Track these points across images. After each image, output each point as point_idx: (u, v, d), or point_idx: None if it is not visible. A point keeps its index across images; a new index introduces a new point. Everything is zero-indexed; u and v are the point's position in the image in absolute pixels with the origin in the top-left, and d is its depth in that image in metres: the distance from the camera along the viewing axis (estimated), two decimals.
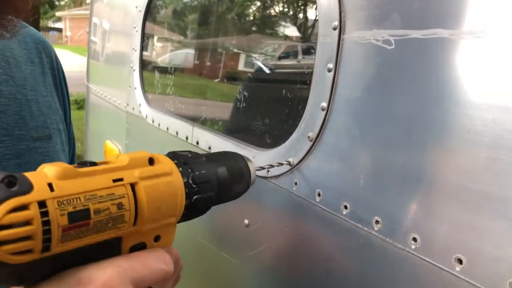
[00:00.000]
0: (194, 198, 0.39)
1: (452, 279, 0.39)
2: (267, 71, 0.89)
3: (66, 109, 0.69)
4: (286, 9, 0.89)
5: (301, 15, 0.84)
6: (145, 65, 1.25)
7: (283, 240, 0.63)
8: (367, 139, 0.49)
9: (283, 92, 0.71)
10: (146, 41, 1.25)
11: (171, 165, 0.38)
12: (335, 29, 0.52)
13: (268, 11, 0.95)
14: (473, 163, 0.38)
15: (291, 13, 0.87)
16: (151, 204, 0.34)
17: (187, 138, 0.91)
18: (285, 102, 0.69)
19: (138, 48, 1.21)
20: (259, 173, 0.60)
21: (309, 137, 0.56)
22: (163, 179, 0.36)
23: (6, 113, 0.55)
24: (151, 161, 0.36)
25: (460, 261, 0.38)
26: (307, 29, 0.81)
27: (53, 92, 0.65)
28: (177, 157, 0.40)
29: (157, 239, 0.37)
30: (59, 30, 30.51)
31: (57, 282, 0.30)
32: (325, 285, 0.55)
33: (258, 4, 0.96)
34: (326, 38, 0.53)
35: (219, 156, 0.47)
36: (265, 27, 0.94)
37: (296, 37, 0.86)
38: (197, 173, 0.40)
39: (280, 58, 0.85)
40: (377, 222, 0.47)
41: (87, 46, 2.03)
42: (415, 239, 0.43)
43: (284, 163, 0.60)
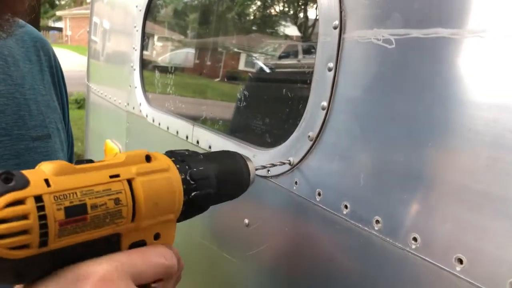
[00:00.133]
0: (192, 194, 0.39)
1: (452, 279, 0.39)
2: (268, 71, 0.89)
3: (64, 108, 0.69)
4: (286, 9, 0.89)
5: (302, 14, 0.84)
6: (146, 65, 1.25)
7: (283, 239, 0.63)
8: (368, 139, 0.49)
9: (283, 91, 0.70)
10: (146, 40, 1.25)
11: (168, 161, 0.38)
12: (335, 28, 0.52)
13: (268, 11, 0.95)
14: (474, 162, 0.38)
15: (291, 12, 0.87)
16: (148, 199, 0.34)
17: (187, 137, 0.91)
18: (286, 101, 0.69)
19: (138, 47, 1.21)
20: (259, 172, 0.60)
21: (309, 136, 0.56)
22: (160, 175, 0.36)
23: (4, 112, 0.54)
24: (148, 158, 0.36)
25: (460, 261, 0.38)
26: (307, 28, 0.81)
27: (51, 90, 0.65)
28: (174, 155, 0.40)
29: (157, 237, 0.37)
30: (60, 29, 30.52)
31: (56, 278, 0.30)
32: (325, 284, 0.55)
33: (258, 3, 0.96)
34: (326, 37, 0.53)
35: (218, 154, 0.47)
36: (266, 26, 0.94)
37: (296, 36, 0.86)
38: (194, 169, 0.40)
39: (280, 57, 0.85)
40: (377, 221, 0.47)
41: (87, 45, 2.03)
42: (415, 239, 0.42)
43: (285, 163, 0.60)
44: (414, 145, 0.43)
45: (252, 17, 0.98)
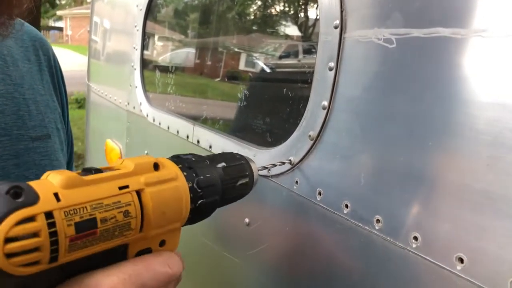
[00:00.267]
0: (199, 202, 0.39)
1: (453, 278, 0.39)
2: (268, 70, 0.89)
3: (64, 107, 0.68)
4: (287, 8, 0.89)
5: (302, 14, 0.84)
6: (146, 64, 1.25)
7: (284, 239, 0.63)
8: (368, 138, 0.49)
9: (284, 91, 0.70)
10: (147, 40, 1.25)
11: (176, 170, 0.38)
12: (336, 27, 0.52)
13: (269, 10, 0.95)
14: (474, 162, 0.38)
15: (292, 12, 0.87)
16: (156, 210, 0.34)
17: (187, 137, 0.91)
18: (286, 101, 0.69)
19: (139, 47, 1.21)
20: (260, 172, 0.60)
21: (310, 136, 0.56)
22: (168, 184, 0.36)
23: (4, 112, 0.54)
24: (156, 167, 0.36)
25: (461, 260, 0.38)
26: (308, 28, 0.81)
27: (51, 90, 0.64)
28: (181, 161, 0.40)
29: (162, 244, 0.37)
30: (60, 29, 30.52)
31: None
32: (326, 284, 0.55)
33: (259, 3, 0.96)
34: (327, 36, 0.53)
35: (222, 158, 0.47)
36: (266, 26, 0.94)
37: (297, 36, 0.86)
38: (201, 177, 0.40)
39: (281, 57, 0.85)
40: (378, 221, 0.47)
41: (88, 45, 2.03)
42: (416, 238, 0.42)
43: (286, 162, 0.60)
44: (414, 145, 0.43)
45: (252, 17, 0.98)
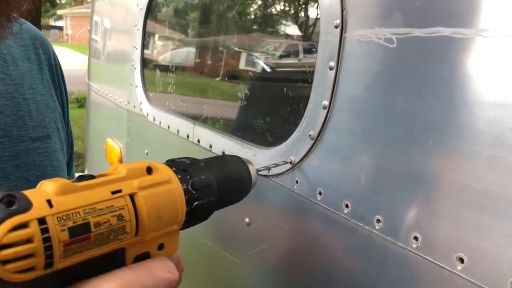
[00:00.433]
0: (194, 204, 0.39)
1: (453, 278, 0.39)
2: (269, 70, 0.89)
3: (64, 107, 0.68)
4: (287, 8, 0.89)
5: (303, 14, 0.84)
6: (146, 63, 1.25)
7: (284, 238, 0.63)
8: (369, 138, 0.49)
9: (284, 90, 0.70)
10: (147, 39, 1.25)
11: (170, 172, 0.38)
12: (336, 27, 0.52)
13: (269, 10, 0.95)
14: (475, 161, 0.38)
15: (292, 11, 0.87)
16: (151, 213, 0.34)
17: (188, 136, 0.91)
18: (287, 100, 0.69)
19: (139, 46, 1.21)
20: (260, 172, 0.60)
21: (310, 135, 0.56)
22: (162, 187, 0.36)
23: (4, 113, 0.53)
24: (149, 170, 0.36)
25: (461, 260, 0.38)
26: (308, 27, 0.81)
27: (51, 89, 0.64)
28: (175, 164, 0.40)
29: (161, 247, 0.37)
30: (60, 28, 30.52)
31: None
32: (326, 283, 0.55)
33: (259, 2, 0.96)
34: (327, 36, 0.53)
35: (218, 160, 0.47)
36: (266, 25, 0.94)
37: (297, 35, 0.86)
38: (196, 179, 0.40)
39: (281, 56, 0.85)
40: (378, 221, 0.47)
41: (88, 44, 2.03)
42: (416, 238, 0.42)
43: (286, 162, 0.60)
44: (415, 144, 0.43)
45: (253, 16, 0.98)
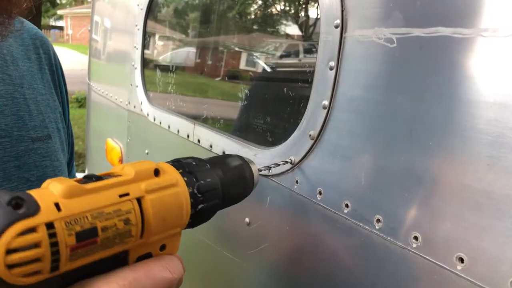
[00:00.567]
0: (199, 207, 0.39)
1: (453, 277, 0.39)
2: (269, 70, 0.89)
3: (64, 106, 0.67)
4: (287, 8, 0.89)
5: (303, 13, 0.84)
6: (147, 63, 1.25)
7: (284, 238, 0.63)
8: (369, 138, 0.49)
9: (284, 90, 0.70)
10: (147, 39, 1.25)
11: (177, 175, 0.38)
12: (337, 27, 0.52)
13: (269, 10, 0.95)
14: (475, 161, 0.38)
15: (292, 11, 0.87)
16: (157, 216, 0.34)
17: (188, 136, 0.91)
18: (287, 100, 0.69)
19: (139, 46, 1.21)
20: (261, 172, 0.60)
21: (310, 135, 0.56)
22: (169, 191, 0.36)
23: (4, 113, 0.53)
24: (157, 172, 0.36)
25: (461, 260, 0.38)
26: (308, 27, 0.81)
27: (51, 89, 0.63)
28: (182, 166, 0.40)
29: (163, 248, 0.37)
30: (61, 28, 30.52)
31: None
32: (326, 283, 0.55)
33: (259, 2, 0.96)
34: (328, 36, 0.53)
35: (223, 161, 0.47)
36: (267, 25, 0.94)
37: (297, 35, 0.86)
38: (202, 182, 0.40)
39: (281, 56, 0.85)
40: (378, 220, 0.47)
41: (88, 44, 2.03)
42: (416, 238, 0.42)
43: (287, 162, 0.60)
44: (415, 144, 0.43)
45: (253, 16, 0.98)
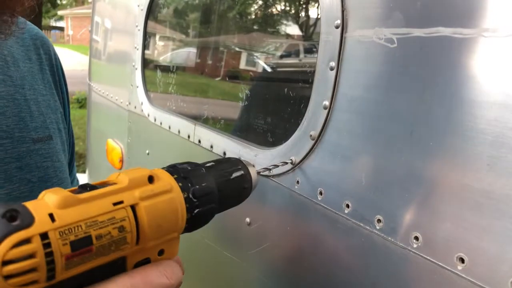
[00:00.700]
0: (195, 212, 0.39)
1: (454, 278, 0.39)
2: (269, 70, 0.89)
3: (65, 107, 0.67)
4: (288, 8, 0.89)
5: (303, 14, 0.84)
6: (147, 64, 1.25)
7: (285, 238, 0.63)
8: (369, 138, 0.49)
9: (285, 90, 0.70)
10: (148, 39, 1.25)
11: (171, 181, 0.38)
12: (337, 27, 0.52)
13: (270, 10, 0.95)
14: (475, 161, 0.38)
15: (293, 11, 0.87)
16: (152, 223, 0.34)
17: (188, 136, 0.91)
18: (287, 100, 0.69)
19: (140, 46, 1.21)
20: (261, 173, 0.60)
21: (311, 135, 0.56)
22: (163, 197, 0.36)
23: (5, 114, 0.53)
24: (151, 179, 0.36)
25: (462, 260, 0.38)
26: (309, 27, 0.81)
27: (52, 89, 0.63)
28: (176, 171, 0.40)
29: (161, 253, 0.37)
30: (61, 29, 30.55)
31: None
32: (327, 283, 0.55)
33: (260, 2, 0.96)
34: (328, 36, 0.53)
35: (219, 164, 0.46)
36: (267, 25, 0.94)
37: (298, 35, 0.86)
38: (197, 187, 0.40)
39: (282, 56, 0.85)
40: (379, 221, 0.47)
41: (89, 44, 2.03)
42: (417, 238, 0.42)
43: (287, 162, 0.60)
44: (415, 144, 0.43)
45: (253, 16, 0.98)
